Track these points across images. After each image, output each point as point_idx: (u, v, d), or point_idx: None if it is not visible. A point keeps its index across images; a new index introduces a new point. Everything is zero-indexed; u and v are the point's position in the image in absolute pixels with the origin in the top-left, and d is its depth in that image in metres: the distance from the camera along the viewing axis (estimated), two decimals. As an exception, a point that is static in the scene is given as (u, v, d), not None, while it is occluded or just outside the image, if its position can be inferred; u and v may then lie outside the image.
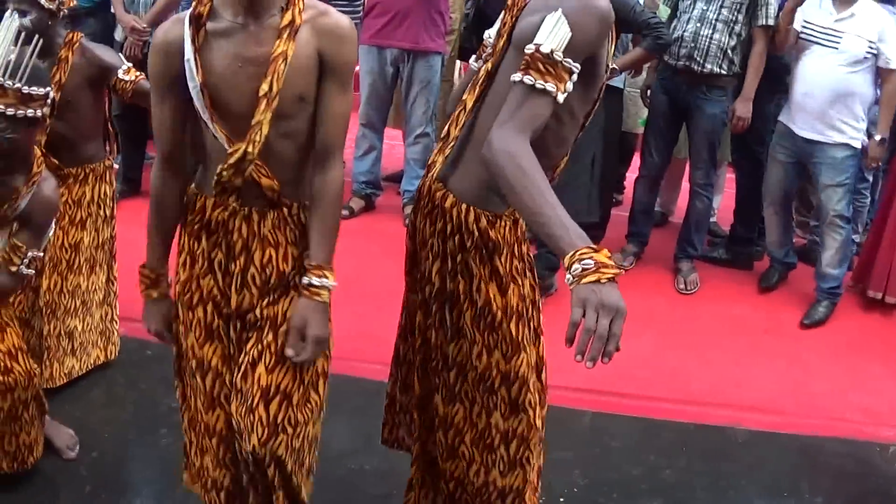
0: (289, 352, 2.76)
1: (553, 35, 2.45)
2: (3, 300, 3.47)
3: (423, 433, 3.12)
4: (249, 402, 2.78)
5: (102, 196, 4.25)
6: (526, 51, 2.49)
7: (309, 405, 2.90)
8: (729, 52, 5.81)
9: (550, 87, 2.45)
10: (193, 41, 2.64)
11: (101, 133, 4.23)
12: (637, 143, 7.16)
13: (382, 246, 3.22)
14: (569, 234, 2.26)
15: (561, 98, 2.48)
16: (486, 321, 2.85)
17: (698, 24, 5.82)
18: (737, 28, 5.80)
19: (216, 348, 2.89)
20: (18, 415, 3.49)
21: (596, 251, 2.21)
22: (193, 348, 2.91)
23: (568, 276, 2.20)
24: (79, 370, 4.37)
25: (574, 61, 2.46)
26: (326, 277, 2.75)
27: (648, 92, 6.46)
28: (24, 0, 3.73)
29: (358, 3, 7.28)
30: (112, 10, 6.68)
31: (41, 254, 3.39)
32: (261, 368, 2.79)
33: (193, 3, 2.68)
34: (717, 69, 5.83)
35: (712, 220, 6.94)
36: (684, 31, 5.85)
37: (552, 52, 2.44)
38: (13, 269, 3.30)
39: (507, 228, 2.80)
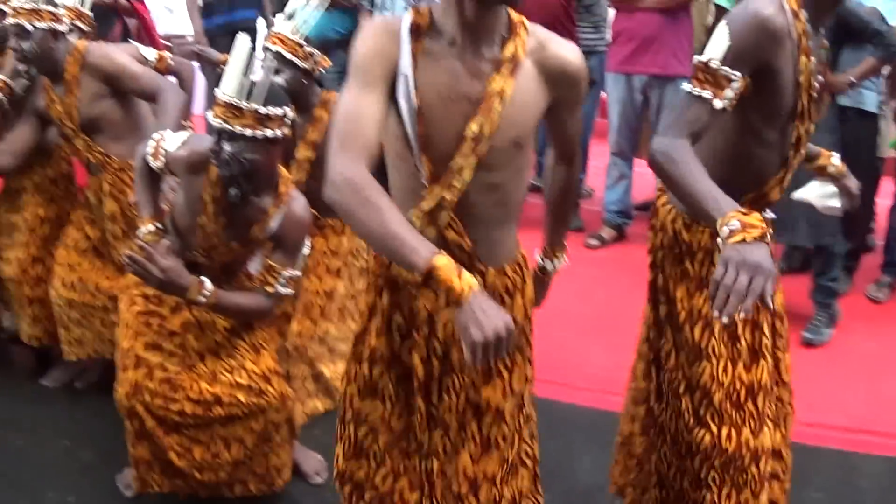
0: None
1: (715, 45, 2.58)
2: (262, 321, 3.58)
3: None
4: (456, 490, 2.60)
5: (359, 248, 4.35)
6: (693, 61, 2.64)
7: (518, 475, 2.72)
8: None
9: (707, 94, 2.59)
10: (413, 55, 2.34)
11: None
12: (885, 168, 6.85)
13: (634, 276, 3.21)
14: (719, 204, 2.37)
15: (719, 104, 2.59)
16: (673, 319, 2.95)
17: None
18: None
19: (377, 406, 2.68)
20: (270, 437, 3.58)
21: (745, 214, 2.28)
22: (352, 398, 2.73)
23: (718, 241, 2.29)
24: (322, 410, 4.46)
25: (734, 69, 2.56)
26: (561, 259, 2.95)
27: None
28: (279, 59, 3.84)
29: (603, 30, 7.27)
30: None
31: (298, 273, 3.45)
32: (465, 459, 2.59)
33: (411, 11, 2.40)
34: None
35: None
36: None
37: (710, 60, 2.58)
38: (270, 289, 3.38)
39: (706, 234, 2.86)
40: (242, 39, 3.14)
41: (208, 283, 3.29)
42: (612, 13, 7.12)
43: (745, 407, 2.89)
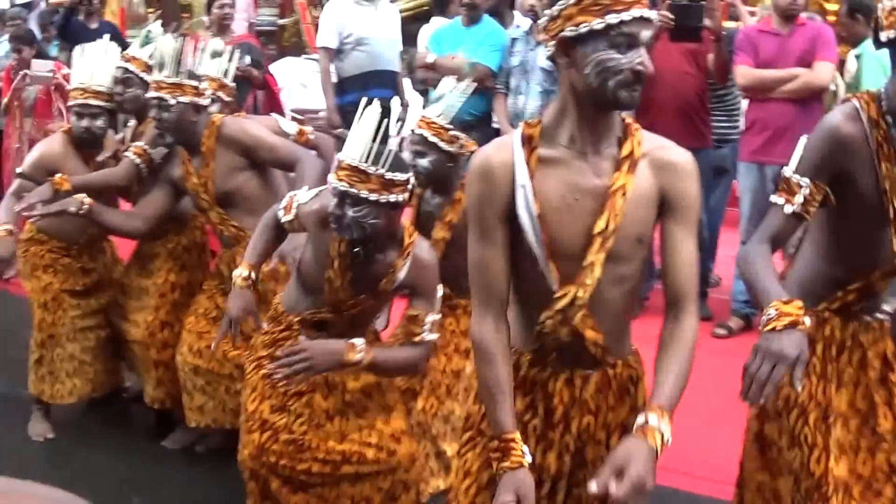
0: (592, 486, 2.24)
1: (794, 155, 2.86)
2: (417, 372, 3.57)
3: None
4: None
5: None
6: None
7: None
8: None
9: (780, 200, 2.83)
10: (528, 164, 2.45)
11: None
12: None
13: (762, 367, 3.22)
14: (769, 296, 2.58)
15: (789, 209, 2.81)
16: (773, 404, 3.07)
17: None
18: None
19: None
20: (397, 496, 3.58)
21: (785, 303, 2.48)
22: None
23: (760, 328, 2.53)
24: (443, 489, 4.40)
25: (806, 176, 2.80)
26: (665, 423, 2.32)
27: None
28: (424, 143, 3.91)
29: (737, 119, 7.22)
30: (494, 124, 6.94)
31: (438, 316, 3.45)
32: None
33: (521, 125, 2.54)
34: None
35: None
36: None
37: (785, 169, 2.84)
38: (416, 339, 3.37)
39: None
40: (373, 106, 3.20)
41: (359, 341, 3.29)
42: (745, 102, 7.08)
43: (830, 502, 2.92)
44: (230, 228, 4.51)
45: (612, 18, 2.32)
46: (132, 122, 5.21)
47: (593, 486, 2.22)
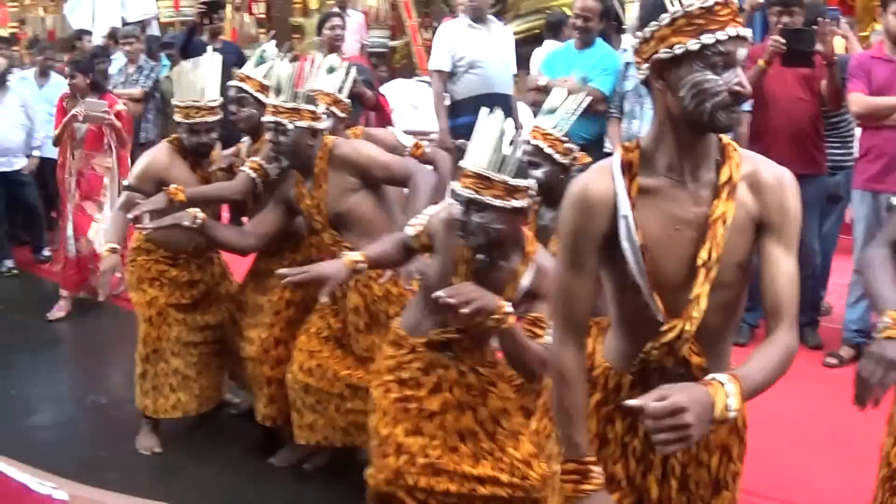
0: (627, 402, 2.18)
1: None
2: (538, 373, 3.54)
3: None
4: None
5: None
6: None
7: None
8: None
9: None
10: (629, 194, 2.41)
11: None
12: None
13: (873, 397, 3.15)
14: (885, 303, 2.60)
15: None
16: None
17: None
18: None
19: None
20: None
21: None
22: None
23: (874, 335, 2.54)
24: None
25: None
26: (732, 386, 2.15)
27: None
28: (539, 153, 3.94)
29: (851, 146, 7.13)
30: (606, 148, 6.94)
31: None
32: None
33: (621, 149, 2.51)
34: None
35: None
36: None
37: None
38: (541, 340, 3.38)
39: None
40: (495, 114, 3.27)
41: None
42: (859, 129, 7.00)
43: None
44: (343, 250, 4.51)
45: (708, 38, 2.27)
46: (246, 140, 5.28)
47: (628, 401, 2.15)
